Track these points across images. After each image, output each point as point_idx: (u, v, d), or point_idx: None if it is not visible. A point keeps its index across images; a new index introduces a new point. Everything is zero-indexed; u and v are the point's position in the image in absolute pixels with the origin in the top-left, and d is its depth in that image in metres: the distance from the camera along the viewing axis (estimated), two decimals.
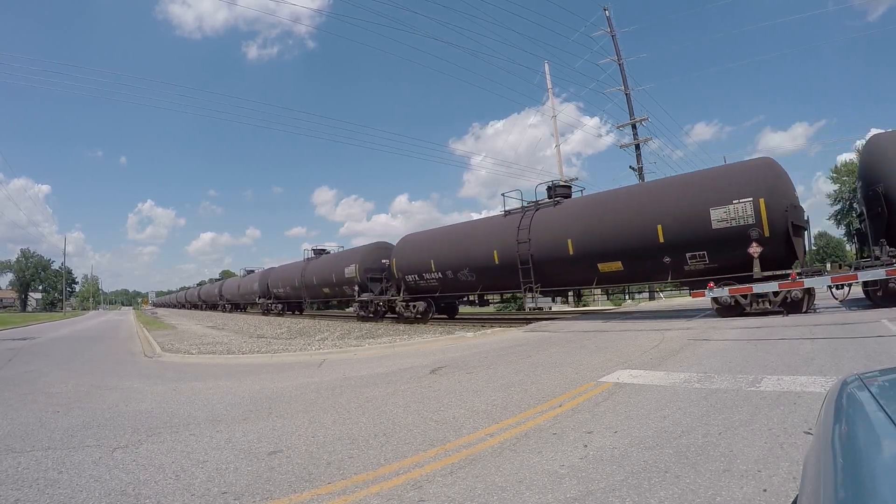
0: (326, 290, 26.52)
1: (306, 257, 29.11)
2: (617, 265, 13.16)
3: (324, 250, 29.05)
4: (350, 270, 23.77)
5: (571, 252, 13.88)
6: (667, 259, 12.13)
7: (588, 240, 13.58)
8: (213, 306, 52.88)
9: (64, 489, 3.09)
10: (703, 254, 11.69)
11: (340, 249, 27.53)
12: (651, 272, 13.07)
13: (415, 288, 19.35)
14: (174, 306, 78.65)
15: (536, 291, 15.26)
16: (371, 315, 21.52)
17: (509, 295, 22.24)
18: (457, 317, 20.95)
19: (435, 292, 18.57)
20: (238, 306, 44.06)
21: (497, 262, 15.98)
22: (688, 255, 11.85)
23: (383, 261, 21.43)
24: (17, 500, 2.95)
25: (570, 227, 14.15)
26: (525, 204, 16.76)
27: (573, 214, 14.55)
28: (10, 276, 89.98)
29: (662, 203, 12.37)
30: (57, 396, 6.53)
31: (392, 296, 20.33)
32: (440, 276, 17.95)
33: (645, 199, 13.12)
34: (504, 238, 15.72)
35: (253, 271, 41.52)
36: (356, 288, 22.26)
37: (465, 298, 19.72)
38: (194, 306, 62.30)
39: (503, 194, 17.56)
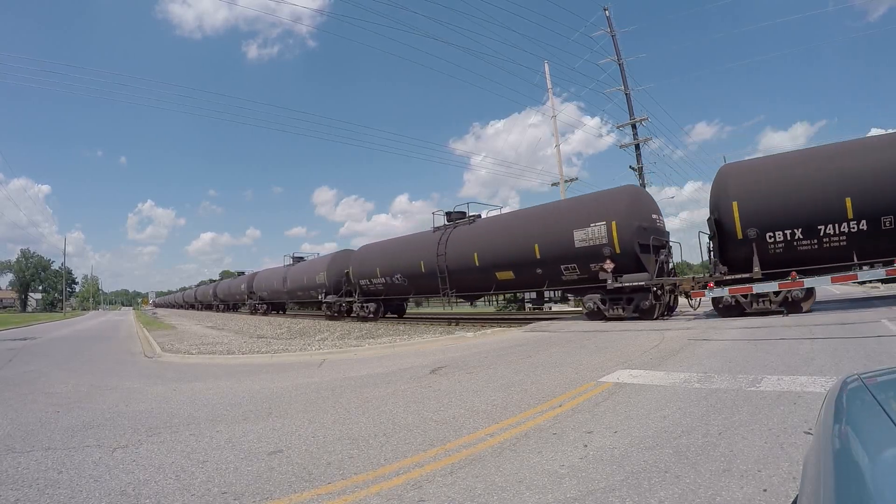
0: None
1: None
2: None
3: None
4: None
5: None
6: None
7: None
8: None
9: (64, 489, 3.09)
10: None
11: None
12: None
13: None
14: (174, 306, 78.75)
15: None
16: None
17: (510, 295, 22.61)
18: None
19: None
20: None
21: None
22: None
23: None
24: (17, 500, 2.95)
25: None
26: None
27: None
28: (10, 277, 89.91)
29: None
30: (57, 396, 6.53)
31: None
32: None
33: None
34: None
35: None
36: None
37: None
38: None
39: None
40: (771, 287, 11.05)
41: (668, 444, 3.28)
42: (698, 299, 13.06)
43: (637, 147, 27.63)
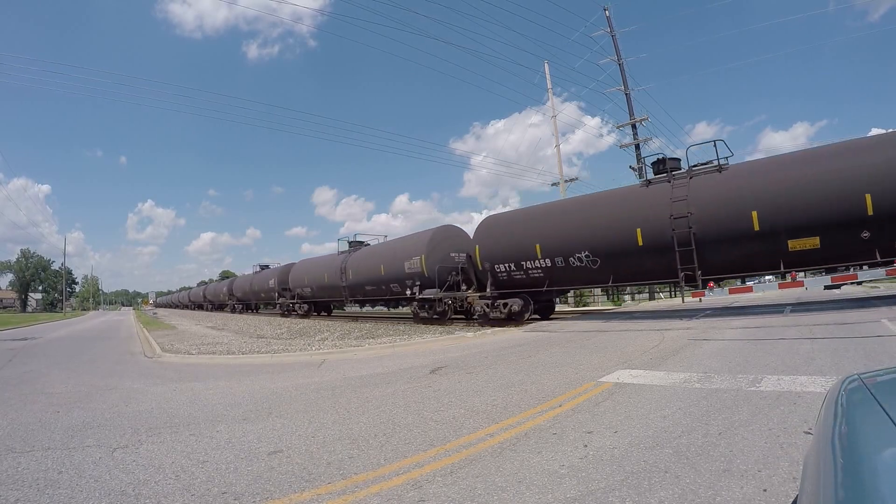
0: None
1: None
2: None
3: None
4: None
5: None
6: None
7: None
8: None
9: (64, 489, 3.09)
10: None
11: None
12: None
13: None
14: (175, 307, 78.16)
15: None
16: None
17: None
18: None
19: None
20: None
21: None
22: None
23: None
24: (17, 500, 2.95)
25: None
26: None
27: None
28: (10, 277, 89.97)
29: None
30: (57, 396, 6.53)
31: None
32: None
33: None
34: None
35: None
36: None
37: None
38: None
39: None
40: (772, 287, 11.60)
41: (668, 444, 3.28)
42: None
43: (637, 147, 27.65)
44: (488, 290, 15.70)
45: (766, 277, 13.00)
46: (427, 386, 6.03)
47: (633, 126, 27.94)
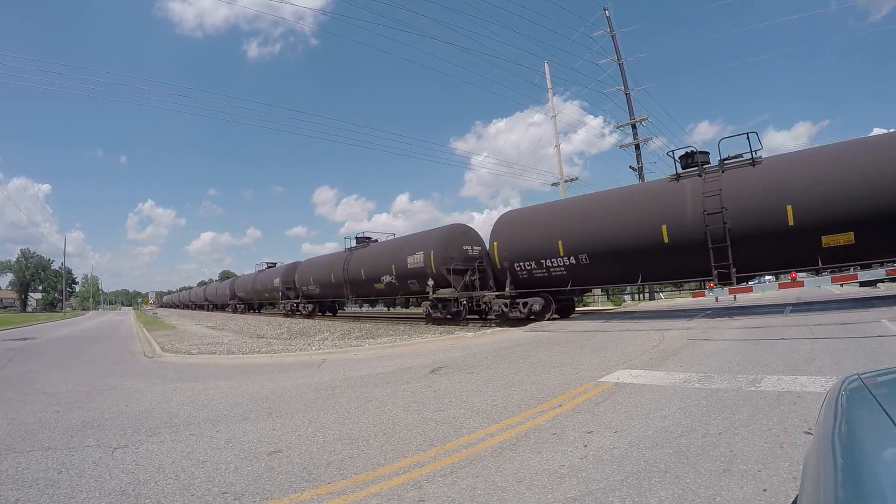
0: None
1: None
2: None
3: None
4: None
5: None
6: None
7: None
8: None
9: (64, 489, 3.09)
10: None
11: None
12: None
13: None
14: (175, 306, 78.09)
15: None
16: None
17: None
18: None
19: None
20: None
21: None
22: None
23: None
24: (17, 500, 2.95)
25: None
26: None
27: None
28: (10, 277, 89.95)
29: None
30: (57, 396, 6.53)
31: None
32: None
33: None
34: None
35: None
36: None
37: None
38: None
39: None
40: (772, 287, 11.60)
41: (668, 444, 3.28)
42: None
43: (637, 147, 27.65)
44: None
45: (766, 277, 13.02)
46: (427, 386, 6.03)
47: (633, 126, 27.95)
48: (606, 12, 28.90)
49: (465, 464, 3.20)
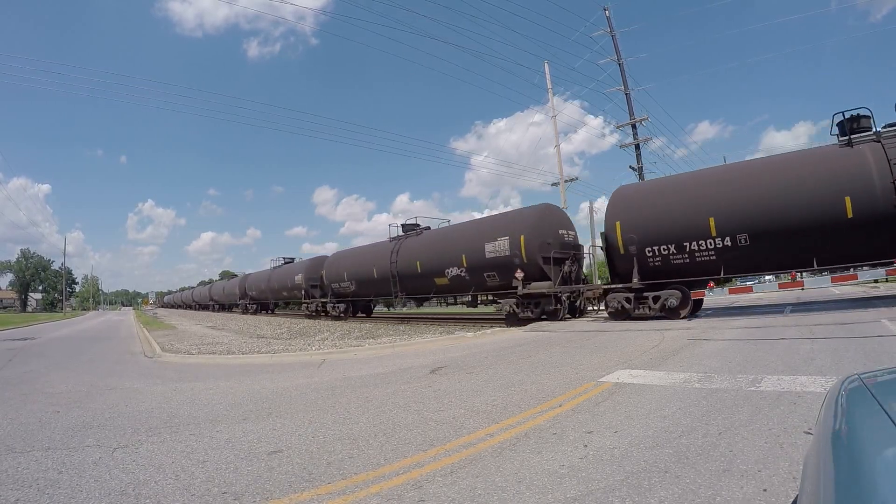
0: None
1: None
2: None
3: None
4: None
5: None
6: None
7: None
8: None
9: (64, 489, 3.09)
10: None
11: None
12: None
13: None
14: (177, 307, 78.47)
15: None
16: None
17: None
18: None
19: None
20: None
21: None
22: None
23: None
24: (17, 500, 2.95)
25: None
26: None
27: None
28: (10, 277, 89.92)
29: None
30: (57, 396, 6.53)
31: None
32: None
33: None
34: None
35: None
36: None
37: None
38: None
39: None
40: (772, 287, 11.53)
41: (668, 444, 3.28)
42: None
43: (637, 147, 27.64)
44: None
45: (766, 277, 13.00)
46: (427, 386, 6.03)
47: (634, 126, 27.92)
48: (606, 12, 28.88)
49: (466, 464, 3.20)
